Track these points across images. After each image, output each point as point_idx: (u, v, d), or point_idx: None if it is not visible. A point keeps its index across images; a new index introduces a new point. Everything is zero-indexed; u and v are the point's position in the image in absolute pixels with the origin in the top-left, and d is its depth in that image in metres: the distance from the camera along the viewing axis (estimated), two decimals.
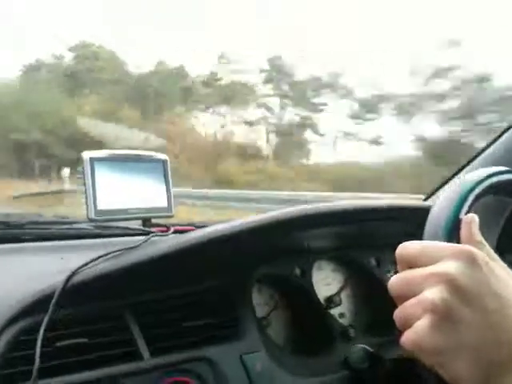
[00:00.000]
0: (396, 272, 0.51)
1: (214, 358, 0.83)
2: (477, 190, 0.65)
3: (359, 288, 1.19)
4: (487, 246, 0.52)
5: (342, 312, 1.15)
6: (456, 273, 0.46)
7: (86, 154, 0.93)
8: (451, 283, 0.46)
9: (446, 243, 0.54)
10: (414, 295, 0.48)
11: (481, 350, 0.45)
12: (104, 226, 1.14)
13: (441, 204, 0.62)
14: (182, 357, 0.82)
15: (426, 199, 1.37)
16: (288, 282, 1.07)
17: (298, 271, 1.09)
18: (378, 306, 1.15)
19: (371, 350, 0.87)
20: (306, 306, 1.07)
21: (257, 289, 1.04)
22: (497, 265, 0.49)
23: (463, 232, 0.54)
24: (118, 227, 1.11)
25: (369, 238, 1.15)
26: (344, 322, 1.13)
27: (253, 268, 1.00)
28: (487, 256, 0.49)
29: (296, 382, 0.89)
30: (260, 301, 1.04)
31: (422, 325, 0.46)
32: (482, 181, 0.66)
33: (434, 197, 1.35)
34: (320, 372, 0.93)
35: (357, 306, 1.18)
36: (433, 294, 0.46)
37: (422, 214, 0.63)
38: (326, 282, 1.15)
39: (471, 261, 0.47)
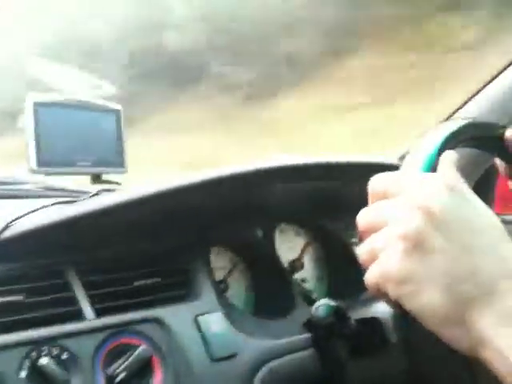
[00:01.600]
0: (361, 238, 0.47)
1: (166, 319, 0.77)
2: (459, 136, 0.61)
3: (322, 253, 1.14)
4: (464, 182, 0.48)
5: (304, 277, 1.10)
6: (432, 200, 0.43)
7: (30, 98, 0.84)
8: (425, 210, 0.42)
9: (422, 174, 0.50)
10: (385, 226, 0.44)
11: (452, 279, 0.41)
12: (53, 188, 1.07)
13: (421, 142, 0.58)
14: (131, 317, 0.75)
15: (400, 159, 1.33)
16: (249, 244, 1.02)
17: (259, 233, 1.03)
18: (341, 271, 1.10)
19: (336, 304, 0.82)
20: (268, 269, 1.01)
21: (215, 251, 0.98)
22: (473, 196, 0.45)
23: (441, 165, 0.50)
24: (63, 189, 1.05)
25: (335, 200, 1.09)
26: (306, 286, 1.08)
27: (210, 228, 0.94)
28: (465, 188, 0.45)
29: (255, 344, 0.83)
30: (219, 264, 0.98)
31: (391, 252, 0.43)
32: (463, 128, 0.63)
33: None
34: (281, 334, 0.87)
35: (319, 271, 1.13)
36: (405, 221, 0.43)
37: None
38: (288, 245, 1.09)
39: (449, 190, 0.44)
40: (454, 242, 0.42)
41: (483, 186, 1.14)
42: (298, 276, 1.07)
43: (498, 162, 0.63)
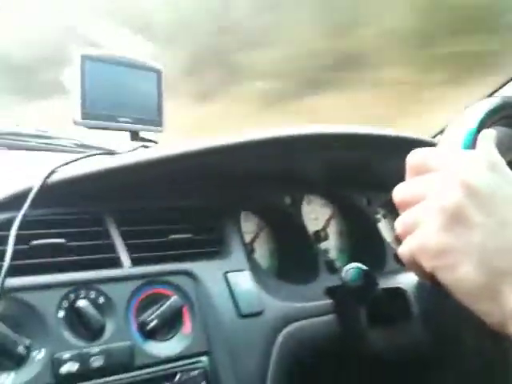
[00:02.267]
0: (384, 215, 0.48)
1: (197, 273, 0.79)
2: (499, 114, 0.62)
3: (346, 225, 1.16)
4: (503, 160, 0.49)
5: (327, 247, 1.12)
6: (472, 176, 0.44)
7: (78, 51, 0.86)
8: (466, 186, 0.43)
9: (462, 150, 0.51)
10: (423, 200, 0.45)
11: (488, 254, 0.43)
12: (88, 145, 1.09)
13: (461, 118, 0.59)
14: (165, 268, 0.77)
15: (433, 137, 1.33)
16: (277, 211, 1.04)
17: (287, 201, 1.05)
18: (363, 245, 1.12)
19: (366, 268, 0.84)
20: (293, 236, 1.04)
21: (244, 215, 1.00)
22: None
23: (480, 144, 0.51)
24: (101, 148, 1.07)
25: (363, 176, 1.11)
26: (329, 256, 1.10)
27: (242, 192, 0.96)
28: (505, 167, 0.47)
29: (279, 305, 0.85)
30: (247, 228, 1.00)
31: (429, 225, 0.44)
32: (503, 106, 0.64)
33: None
34: (304, 299, 0.89)
35: (342, 243, 1.15)
36: (444, 194, 0.44)
37: None
38: (314, 216, 1.11)
39: (489, 166, 0.45)
40: (492, 218, 0.43)
41: None
42: (321, 246, 1.09)
43: None
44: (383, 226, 1.17)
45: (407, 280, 0.94)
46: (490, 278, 0.43)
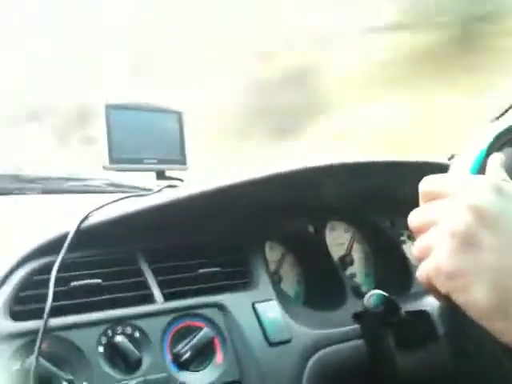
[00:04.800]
0: (409, 236, 0.51)
1: (226, 305, 0.83)
2: (507, 137, 0.65)
3: (371, 249, 1.19)
4: (510, 181, 0.52)
5: (353, 272, 1.14)
6: (480, 200, 0.46)
7: (103, 101, 0.92)
8: (474, 209, 0.45)
9: (471, 175, 0.54)
10: (436, 225, 0.48)
11: (500, 274, 0.44)
12: (118, 184, 1.15)
13: (470, 144, 0.62)
14: (195, 302, 0.82)
15: (450, 159, 1.35)
16: (301, 239, 1.07)
17: (311, 229, 1.08)
18: (388, 268, 1.15)
19: (387, 294, 0.86)
20: (319, 263, 1.07)
21: (269, 245, 1.04)
22: None
23: (489, 168, 0.54)
24: (131, 186, 1.12)
25: (385, 199, 1.14)
26: (355, 281, 1.13)
27: (266, 222, 1.00)
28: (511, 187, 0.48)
29: (307, 332, 0.88)
30: (272, 257, 1.04)
31: (442, 249, 0.46)
32: (505, 131, 0.66)
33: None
34: (331, 325, 0.92)
35: (368, 268, 1.17)
36: (454, 219, 0.46)
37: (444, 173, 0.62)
38: (338, 241, 1.14)
39: (497, 191, 0.47)
40: (502, 240, 0.45)
41: None
42: (347, 271, 1.12)
43: None
44: (408, 248, 1.19)
45: (432, 302, 0.96)
46: (501, 298, 0.44)
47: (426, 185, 0.50)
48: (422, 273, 0.48)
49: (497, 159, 0.54)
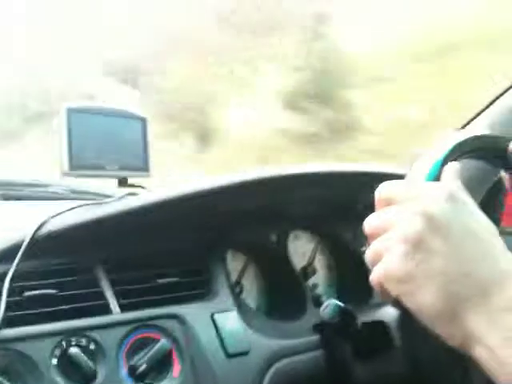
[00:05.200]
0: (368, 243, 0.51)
1: (184, 316, 0.82)
2: (464, 148, 0.66)
3: (333, 259, 1.19)
4: (465, 191, 0.52)
5: (315, 282, 1.14)
6: (432, 206, 0.47)
7: (64, 104, 0.90)
8: (425, 215, 0.47)
9: (425, 182, 0.55)
10: (389, 230, 0.49)
11: (448, 280, 0.46)
12: (79, 191, 1.13)
13: (427, 154, 0.63)
14: (153, 313, 0.81)
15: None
16: (263, 248, 1.07)
17: (273, 238, 1.08)
18: (350, 278, 1.15)
19: (343, 305, 0.87)
20: (280, 272, 1.07)
21: (231, 255, 1.03)
22: (473, 205, 0.49)
23: (444, 175, 0.55)
24: (92, 192, 1.10)
25: (347, 210, 1.14)
26: (317, 291, 1.13)
27: (227, 231, 0.99)
28: (465, 197, 0.50)
29: (267, 343, 0.88)
30: (234, 267, 1.03)
31: (393, 253, 0.47)
32: (468, 141, 0.67)
33: None
34: (292, 335, 0.92)
35: (330, 277, 1.17)
36: (406, 225, 0.47)
37: None
38: (301, 251, 1.14)
39: (449, 198, 0.48)
40: (451, 246, 0.46)
41: (491, 198, 1.18)
42: (309, 281, 1.12)
43: (503, 174, 0.68)
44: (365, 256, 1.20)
45: (390, 313, 0.97)
46: (449, 303, 0.45)
47: (382, 191, 0.52)
48: (373, 277, 0.49)
49: (452, 168, 0.55)
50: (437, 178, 0.58)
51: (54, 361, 0.71)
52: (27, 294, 0.74)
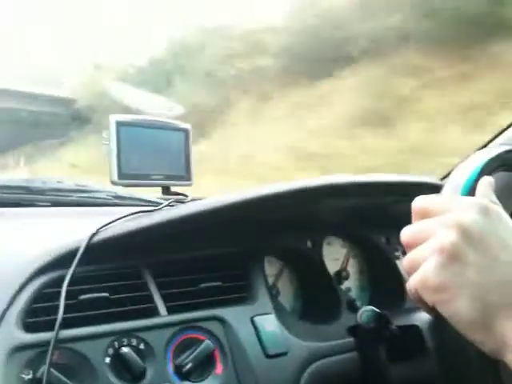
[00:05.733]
0: (404, 252, 0.55)
1: (226, 318, 0.87)
2: (498, 161, 0.69)
3: (366, 265, 1.23)
4: (499, 205, 0.55)
5: (348, 287, 1.18)
6: (467, 219, 0.50)
7: (113, 117, 0.96)
8: (461, 228, 0.50)
9: (461, 197, 0.58)
10: (425, 242, 0.52)
11: (481, 290, 0.49)
12: (123, 197, 1.19)
13: (462, 167, 0.66)
14: (197, 315, 0.86)
15: (442, 179, 1.40)
16: (299, 254, 1.11)
17: (308, 244, 1.13)
18: (383, 283, 1.19)
19: (379, 311, 0.91)
20: (316, 277, 1.11)
21: (268, 260, 1.08)
22: (507, 218, 0.52)
23: (478, 190, 0.58)
24: (136, 198, 1.16)
25: (380, 216, 1.18)
26: (351, 295, 1.17)
27: (265, 238, 1.04)
28: (499, 210, 0.53)
29: (303, 345, 0.92)
30: (271, 271, 1.08)
31: (429, 264, 0.50)
32: (501, 155, 0.70)
33: None
34: (326, 338, 0.96)
35: (363, 282, 1.21)
36: (442, 236, 0.50)
37: (436, 192, 0.66)
38: (335, 257, 1.18)
39: (483, 211, 0.51)
40: (485, 257, 0.49)
41: None
42: (343, 286, 1.16)
43: None
44: (402, 264, 1.23)
45: (423, 317, 1.01)
46: (483, 312, 0.49)
47: (418, 203, 0.55)
48: (410, 285, 0.53)
49: (486, 182, 0.58)
50: (471, 191, 0.61)
51: (107, 360, 0.76)
52: (82, 297, 0.79)
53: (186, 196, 1.07)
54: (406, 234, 0.54)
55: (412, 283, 0.52)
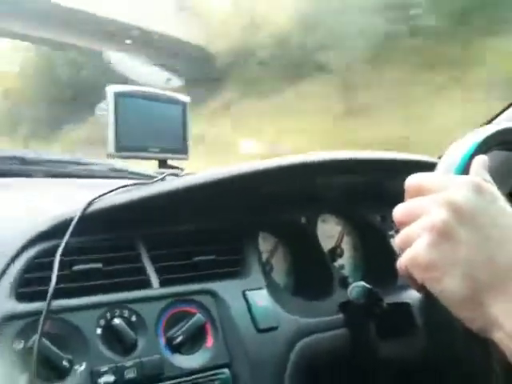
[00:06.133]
0: (398, 231, 0.55)
1: (218, 292, 0.88)
2: (493, 141, 0.69)
3: (360, 242, 1.23)
4: (492, 183, 0.55)
5: (342, 264, 1.19)
6: (459, 197, 0.50)
7: (111, 88, 0.95)
8: (452, 206, 0.50)
9: (455, 175, 0.58)
10: (417, 219, 0.52)
11: (471, 268, 0.49)
12: (119, 170, 1.19)
13: (456, 145, 0.66)
14: (189, 288, 0.86)
15: (439, 158, 1.39)
16: (293, 230, 1.12)
17: (303, 220, 1.13)
18: (376, 260, 1.19)
19: (370, 287, 0.91)
20: (309, 254, 1.11)
21: (263, 235, 1.08)
22: (500, 197, 0.52)
23: (472, 168, 0.58)
24: (131, 172, 1.16)
25: (376, 194, 1.18)
26: (344, 272, 1.18)
27: (260, 213, 1.04)
28: (492, 189, 0.53)
29: (294, 321, 0.93)
30: (265, 247, 1.08)
31: (420, 242, 0.51)
32: (496, 134, 0.70)
33: None
34: (318, 314, 0.97)
35: (357, 260, 1.22)
36: (434, 215, 0.51)
37: (431, 171, 0.65)
38: (329, 234, 1.19)
39: (476, 189, 0.51)
40: (476, 235, 0.49)
41: None
42: (336, 263, 1.17)
43: None
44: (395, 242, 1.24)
45: (413, 295, 1.01)
46: (472, 290, 0.49)
47: (412, 181, 0.56)
48: (401, 263, 0.53)
49: (481, 161, 0.58)
50: (465, 170, 0.61)
51: (99, 330, 0.77)
52: (75, 267, 0.80)
53: (182, 170, 1.06)
54: (399, 211, 0.55)
55: (402, 261, 0.53)
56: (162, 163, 1.04)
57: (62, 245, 0.78)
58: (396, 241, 0.55)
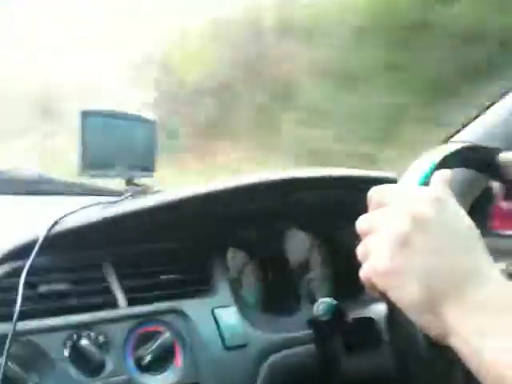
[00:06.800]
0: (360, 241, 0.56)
1: (186, 311, 0.88)
2: (455, 157, 0.70)
3: (329, 257, 1.24)
4: (452, 195, 0.57)
5: (310, 279, 1.20)
6: (417, 207, 0.51)
7: (78, 108, 0.95)
8: (411, 215, 0.51)
9: (415, 187, 0.59)
10: (379, 230, 0.53)
11: (427, 275, 0.50)
12: (87, 187, 1.18)
13: (419, 161, 0.68)
14: (157, 308, 0.86)
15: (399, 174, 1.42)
16: (262, 247, 1.12)
17: (272, 235, 1.14)
18: (344, 274, 1.20)
19: (335, 303, 0.92)
20: (278, 269, 1.12)
21: (231, 252, 1.09)
22: (459, 208, 0.53)
23: (433, 180, 0.59)
24: (100, 189, 1.15)
25: (343, 209, 1.19)
26: (312, 287, 1.18)
27: (228, 231, 1.04)
28: (450, 200, 0.54)
29: (262, 337, 0.94)
30: (234, 264, 1.09)
31: (380, 251, 0.51)
32: (459, 151, 0.72)
33: None
34: (286, 330, 0.98)
35: (326, 274, 1.22)
36: (393, 224, 0.51)
37: None
38: (297, 249, 1.19)
39: (434, 200, 0.52)
40: (433, 244, 0.50)
41: (481, 204, 1.23)
42: (305, 278, 1.18)
43: (492, 183, 0.72)
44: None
45: (379, 310, 1.03)
46: (429, 297, 0.50)
47: (374, 193, 0.56)
48: (363, 272, 0.53)
49: (442, 175, 0.60)
50: (427, 183, 0.63)
51: (66, 352, 0.76)
52: (41, 288, 0.79)
53: (148, 187, 1.06)
54: (361, 222, 0.56)
55: (364, 270, 0.53)
56: (129, 180, 1.04)
57: (27, 266, 0.77)
58: (358, 251, 0.56)
